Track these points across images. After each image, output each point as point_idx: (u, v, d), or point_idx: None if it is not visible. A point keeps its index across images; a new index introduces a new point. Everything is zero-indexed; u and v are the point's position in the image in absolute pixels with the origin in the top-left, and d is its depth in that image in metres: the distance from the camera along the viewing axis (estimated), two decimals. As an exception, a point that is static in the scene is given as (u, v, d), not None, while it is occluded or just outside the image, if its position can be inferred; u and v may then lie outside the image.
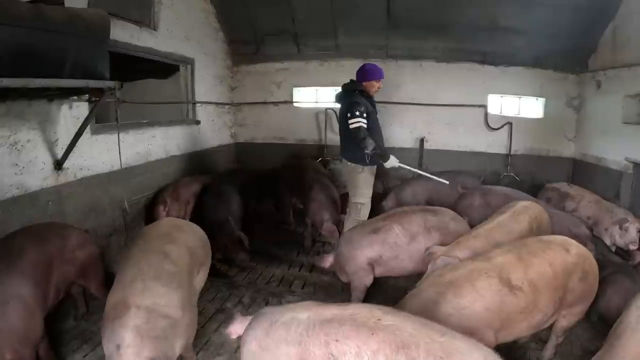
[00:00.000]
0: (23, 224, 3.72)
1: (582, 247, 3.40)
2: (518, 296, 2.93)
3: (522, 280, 2.98)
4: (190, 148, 6.86)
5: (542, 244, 3.32)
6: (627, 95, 5.56)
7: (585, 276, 3.22)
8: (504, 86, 7.41)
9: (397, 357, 1.89)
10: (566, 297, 3.16)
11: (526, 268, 3.04)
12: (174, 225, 3.55)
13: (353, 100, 4.93)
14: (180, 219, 4.58)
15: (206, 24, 7.33)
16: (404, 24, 7.11)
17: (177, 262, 3.03)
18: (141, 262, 2.89)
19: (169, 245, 3.12)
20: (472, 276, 3.00)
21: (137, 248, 3.12)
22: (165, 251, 3.03)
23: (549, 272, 3.06)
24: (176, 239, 3.27)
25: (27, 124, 3.86)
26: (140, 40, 5.45)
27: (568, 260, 3.17)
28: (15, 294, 2.88)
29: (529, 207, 4.53)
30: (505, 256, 3.17)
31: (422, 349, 1.88)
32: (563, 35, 6.56)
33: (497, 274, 2.99)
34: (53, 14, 3.00)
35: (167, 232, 3.33)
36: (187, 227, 3.61)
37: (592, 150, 6.70)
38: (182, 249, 3.20)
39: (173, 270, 2.92)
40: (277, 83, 8.24)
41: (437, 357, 1.85)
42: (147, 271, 2.79)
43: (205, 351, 3.69)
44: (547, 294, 3.02)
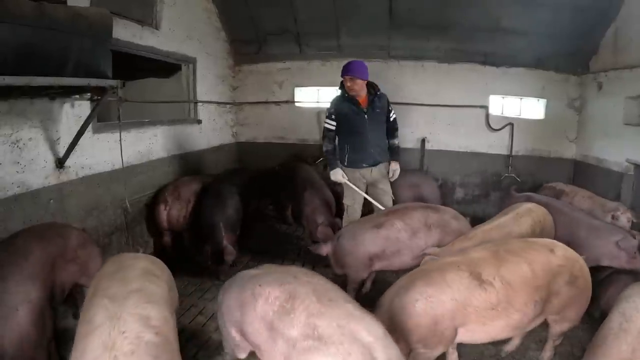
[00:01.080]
0: (24, 222, 3.74)
1: (571, 250, 3.36)
2: (488, 291, 2.98)
3: (493, 276, 3.02)
4: (191, 147, 6.87)
5: (524, 244, 3.35)
6: (628, 97, 5.56)
7: (573, 280, 3.18)
8: (505, 87, 7.40)
9: (286, 303, 2.47)
10: (551, 300, 3.14)
11: (500, 265, 3.08)
12: (145, 271, 2.83)
13: (331, 101, 5.07)
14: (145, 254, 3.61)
15: (208, 23, 7.34)
16: (406, 25, 7.11)
17: (161, 330, 2.30)
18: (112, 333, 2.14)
19: (148, 307, 2.41)
20: (444, 268, 3.12)
21: (102, 309, 2.32)
22: (144, 315, 2.32)
23: (526, 270, 3.06)
24: (153, 294, 2.58)
25: (29, 122, 3.87)
26: (142, 39, 5.46)
27: (552, 261, 3.16)
28: (24, 299, 2.90)
29: (532, 210, 4.54)
30: (481, 252, 3.25)
31: (305, 303, 2.42)
32: (564, 36, 6.56)
33: (469, 268, 3.07)
34: (55, 12, 3.01)
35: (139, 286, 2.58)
36: (158, 271, 2.97)
37: (593, 152, 6.70)
38: (163, 307, 2.52)
39: (155, 342, 2.20)
40: (279, 83, 8.25)
41: (311, 312, 2.37)
42: (119, 346, 2.07)
43: (205, 350, 3.70)
44: (524, 293, 3.02)
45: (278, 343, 2.44)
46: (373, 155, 5.02)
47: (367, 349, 2.21)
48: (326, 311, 2.37)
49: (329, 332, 2.27)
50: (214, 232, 5.06)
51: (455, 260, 3.19)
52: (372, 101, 4.99)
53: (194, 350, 3.76)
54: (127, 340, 2.10)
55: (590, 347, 2.80)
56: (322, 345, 2.25)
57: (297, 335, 2.35)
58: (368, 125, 4.96)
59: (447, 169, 7.75)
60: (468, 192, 7.82)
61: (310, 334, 2.30)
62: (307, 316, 2.37)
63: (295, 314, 2.41)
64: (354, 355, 2.18)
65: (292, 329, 2.37)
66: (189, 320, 4.27)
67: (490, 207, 7.37)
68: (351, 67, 4.84)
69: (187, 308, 4.49)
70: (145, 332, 2.19)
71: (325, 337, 2.26)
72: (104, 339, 2.09)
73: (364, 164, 5.03)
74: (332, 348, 2.22)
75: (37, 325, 2.90)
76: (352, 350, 2.20)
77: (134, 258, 2.99)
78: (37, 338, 2.90)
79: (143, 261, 2.96)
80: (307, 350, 2.28)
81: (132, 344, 2.09)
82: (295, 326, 2.37)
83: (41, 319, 2.97)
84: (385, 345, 2.26)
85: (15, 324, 2.79)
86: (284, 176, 6.89)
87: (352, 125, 4.94)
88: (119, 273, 2.68)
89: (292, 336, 2.36)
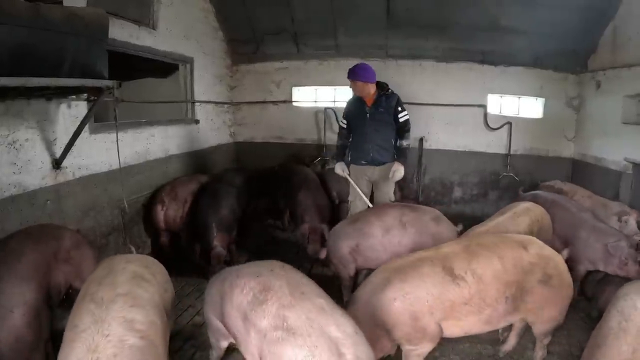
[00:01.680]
0: (21, 223, 3.72)
1: (548, 249, 3.33)
2: (461, 286, 3.01)
3: (465, 270, 3.05)
4: (189, 147, 6.85)
5: (497, 239, 3.37)
6: (626, 96, 5.57)
7: (547, 279, 3.14)
8: (503, 86, 7.40)
9: (261, 294, 2.54)
10: (524, 298, 3.13)
11: (471, 259, 3.11)
12: (134, 274, 2.75)
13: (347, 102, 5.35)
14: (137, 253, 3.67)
15: (205, 23, 7.32)
16: (403, 24, 7.10)
17: (147, 334, 2.29)
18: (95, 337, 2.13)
19: (133, 310, 2.37)
20: (418, 264, 3.16)
21: (88, 314, 2.29)
22: (128, 319, 2.30)
23: (496, 265, 3.08)
24: (140, 297, 2.53)
25: (26, 123, 3.85)
26: (139, 39, 5.44)
27: (524, 258, 3.15)
28: (19, 301, 2.89)
29: (530, 209, 4.53)
30: (453, 247, 3.29)
31: (277, 294, 2.50)
32: (563, 35, 6.56)
33: (441, 263, 3.11)
34: (51, 12, 2.99)
35: (126, 290, 2.53)
36: (148, 274, 2.88)
37: (591, 151, 6.70)
38: (150, 311, 2.48)
39: (139, 345, 2.19)
40: (277, 82, 8.23)
41: (282, 304, 2.44)
42: (102, 349, 2.07)
43: (203, 351, 3.68)
44: (494, 287, 3.04)
45: (251, 333, 2.50)
46: (371, 154, 5.11)
47: (334, 343, 2.25)
48: (297, 304, 2.44)
49: (298, 324, 2.32)
50: (206, 232, 5.10)
51: (427, 255, 3.24)
52: (377, 101, 5.09)
53: (191, 350, 3.75)
54: (111, 343, 2.10)
55: (589, 346, 2.78)
56: (290, 336, 2.30)
57: (267, 325, 2.40)
58: (368, 124, 5.08)
59: (445, 168, 7.75)
60: (466, 192, 7.82)
61: (280, 325, 2.36)
62: (277, 307, 2.44)
63: (267, 304, 2.48)
64: (320, 348, 2.22)
65: (263, 320, 2.44)
66: (186, 321, 4.26)
67: (489, 207, 7.37)
68: (351, 71, 5.06)
69: (185, 309, 4.49)
70: (129, 336, 2.18)
71: (294, 329, 2.31)
72: (88, 343, 2.08)
73: (362, 161, 5.18)
74: (300, 340, 2.27)
75: (32, 326, 2.89)
76: (319, 343, 2.24)
77: (126, 261, 2.93)
78: (32, 339, 2.88)
79: (134, 264, 2.90)
80: (276, 340, 2.32)
81: (115, 347, 2.09)
82: (266, 317, 2.43)
83: (37, 320, 2.95)
84: (355, 342, 2.29)
85: (10, 325, 2.78)
86: (281, 176, 6.87)
87: (355, 123, 5.17)
88: (108, 277, 2.64)
89: (263, 326, 2.42)
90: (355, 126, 5.17)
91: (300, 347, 2.24)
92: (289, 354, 2.26)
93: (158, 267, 3.12)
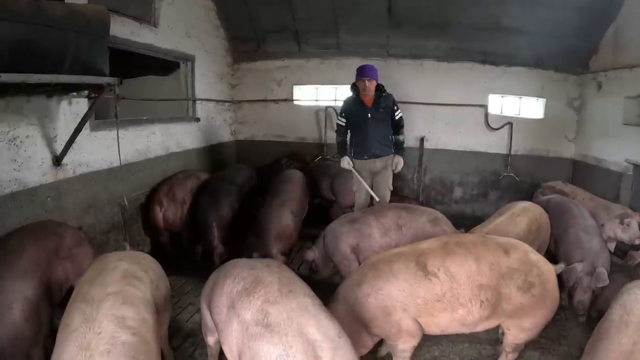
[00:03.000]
0: (21, 219, 3.72)
1: (536, 256, 3.22)
2: (433, 282, 3.01)
3: (438, 267, 3.05)
4: (189, 145, 6.85)
5: (479, 240, 3.31)
6: (627, 97, 5.55)
7: (528, 287, 3.04)
8: (504, 86, 7.39)
9: (251, 286, 2.58)
10: (501, 303, 3.05)
11: (446, 256, 3.09)
12: (125, 273, 2.72)
13: (344, 100, 5.54)
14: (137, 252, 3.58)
15: (207, 20, 7.32)
16: (405, 23, 7.10)
17: (139, 331, 2.29)
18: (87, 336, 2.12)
19: (124, 307, 2.37)
20: (392, 259, 3.18)
21: (79, 313, 2.28)
22: (119, 316, 2.29)
23: (471, 266, 3.04)
24: (131, 295, 2.53)
25: (26, 120, 3.85)
26: (140, 36, 5.44)
27: (502, 262, 3.08)
28: (19, 297, 2.90)
29: (528, 209, 4.53)
30: (432, 243, 3.28)
31: (266, 289, 2.53)
32: (564, 36, 6.55)
33: (415, 259, 3.12)
34: (52, 9, 2.98)
35: (117, 289, 2.51)
36: (140, 271, 2.86)
37: (592, 152, 6.69)
38: (141, 308, 2.48)
39: (132, 342, 2.18)
40: (278, 81, 8.22)
41: (267, 299, 2.46)
42: (95, 346, 2.07)
43: (203, 348, 3.68)
44: (468, 288, 3.01)
45: (233, 324, 2.51)
46: (373, 149, 5.36)
47: (312, 345, 2.23)
48: (281, 301, 2.45)
49: (277, 321, 2.33)
50: (207, 233, 5.14)
51: (403, 251, 3.27)
52: (377, 101, 5.32)
53: (191, 348, 3.76)
54: (103, 340, 2.10)
55: (592, 340, 2.79)
56: (267, 332, 2.31)
57: (250, 318, 2.43)
58: (370, 123, 5.31)
59: (445, 168, 7.74)
60: (467, 191, 7.81)
61: (261, 320, 2.38)
62: (262, 302, 2.46)
63: (253, 297, 2.51)
64: (295, 348, 2.22)
65: (247, 312, 2.46)
66: (186, 319, 4.26)
67: (489, 207, 7.36)
68: (367, 70, 5.26)
69: (185, 306, 4.49)
70: (121, 332, 2.18)
71: (273, 326, 2.32)
72: (80, 341, 2.08)
73: (365, 156, 5.40)
74: (276, 337, 2.27)
75: (32, 322, 2.90)
76: (294, 343, 2.23)
77: (118, 259, 2.90)
78: (32, 335, 2.89)
79: (125, 262, 2.86)
80: (255, 335, 2.34)
81: (108, 343, 2.09)
82: (251, 309, 2.46)
83: (36, 316, 2.96)
84: (334, 347, 2.26)
85: (10, 321, 2.78)
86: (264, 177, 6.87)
87: (357, 122, 5.37)
88: (99, 277, 2.62)
89: (246, 319, 2.44)
90: (355, 124, 5.38)
91: (276, 345, 2.25)
92: (264, 350, 2.27)
93: (151, 263, 3.11)
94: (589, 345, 2.77)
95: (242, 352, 2.41)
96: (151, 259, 3.19)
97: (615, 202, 5.54)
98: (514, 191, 7.40)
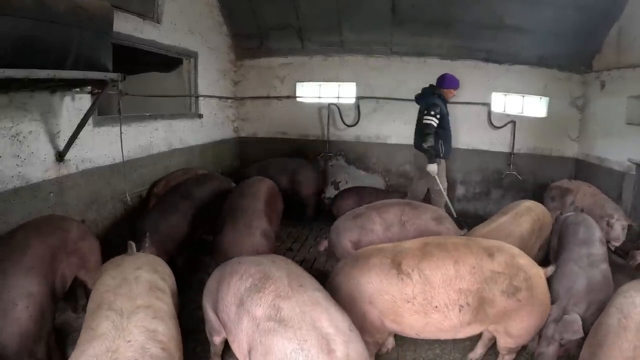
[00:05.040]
0: (24, 215, 3.74)
1: (525, 260, 3.11)
2: (404, 282, 2.99)
3: (412, 268, 3.02)
4: (192, 141, 6.86)
5: (462, 242, 3.26)
6: (630, 96, 5.54)
7: (513, 291, 2.96)
8: (507, 84, 7.37)
9: (260, 282, 2.58)
10: (485, 308, 2.99)
11: (422, 258, 3.06)
12: (151, 285, 2.73)
13: (433, 102, 5.79)
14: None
15: (210, 17, 7.31)
16: (408, 21, 7.08)
17: (168, 346, 2.27)
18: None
19: (155, 322, 2.36)
20: (372, 254, 3.21)
21: (108, 320, 2.27)
22: (151, 329, 2.28)
23: (449, 269, 2.99)
24: (160, 309, 2.51)
25: (29, 115, 3.86)
26: (143, 32, 5.44)
27: (484, 266, 3.00)
28: (23, 293, 2.90)
29: (531, 208, 4.53)
30: (412, 244, 3.27)
31: (276, 284, 2.54)
32: (568, 35, 6.53)
33: (393, 256, 3.12)
34: (56, 5, 2.99)
35: (148, 302, 2.50)
36: (161, 282, 2.87)
37: (595, 151, 6.68)
38: (170, 324, 2.47)
39: (161, 356, 2.16)
40: (281, 78, 8.21)
41: (279, 294, 2.46)
42: (123, 351, 2.06)
43: (204, 345, 3.68)
44: (443, 292, 2.96)
45: (244, 321, 2.50)
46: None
47: (325, 339, 2.22)
48: (293, 295, 2.45)
49: (290, 316, 2.33)
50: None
51: (384, 247, 3.29)
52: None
53: (192, 345, 3.76)
54: (132, 348, 2.09)
55: (588, 345, 2.74)
56: (281, 327, 2.30)
57: (261, 314, 2.42)
58: (449, 124, 5.98)
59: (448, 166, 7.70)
60: (469, 190, 7.80)
61: (273, 315, 2.37)
62: (274, 297, 2.46)
63: (264, 293, 2.50)
64: (309, 342, 2.21)
65: (259, 308, 2.45)
66: (187, 315, 4.26)
67: (491, 205, 7.37)
68: (456, 80, 6.02)
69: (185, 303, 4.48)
70: (151, 345, 2.16)
71: (286, 320, 2.32)
72: (108, 344, 2.08)
73: (449, 155, 6.10)
74: (290, 332, 2.26)
75: (36, 319, 2.90)
76: (309, 337, 2.22)
77: (136, 267, 2.88)
78: (36, 332, 2.90)
79: (145, 271, 2.86)
80: (268, 331, 2.33)
81: (137, 352, 2.08)
82: (262, 305, 2.45)
83: (40, 313, 2.96)
84: (347, 340, 2.26)
85: (14, 318, 2.79)
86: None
87: (445, 123, 5.89)
88: (123, 287, 2.61)
89: (257, 315, 2.43)
90: (444, 125, 5.85)
91: (290, 340, 2.23)
92: (278, 345, 2.25)
93: (165, 268, 3.13)
94: (586, 350, 2.73)
95: (253, 348, 2.40)
96: (163, 263, 3.20)
97: (617, 201, 5.53)
98: (516, 190, 7.40)
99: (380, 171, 8.06)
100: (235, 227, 4.24)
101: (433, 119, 5.67)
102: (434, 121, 5.67)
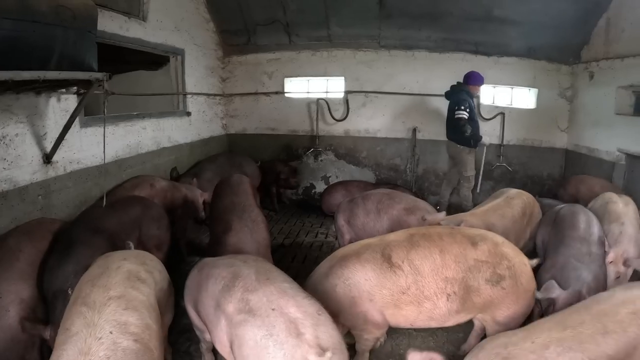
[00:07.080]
0: (12, 219, 3.70)
1: (509, 248, 3.13)
2: (397, 274, 3.02)
3: (402, 259, 3.05)
4: (181, 140, 6.81)
5: (446, 231, 3.31)
6: (619, 87, 5.58)
7: (497, 279, 3.00)
8: (496, 76, 7.37)
9: (229, 281, 2.61)
10: (471, 297, 3.03)
11: (410, 249, 3.10)
12: (129, 274, 2.63)
13: (462, 98, 6.25)
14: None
15: (196, 14, 7.24)
16: (396, 14, 7.06)
17: (141, 337, 2.23)
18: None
19: (127, 313, 2.30)
20: (360, 250, 3.20)
21: (80, 317, 2.21)
22: (121, 321, 2.23)
23: (436, 258, 3.04)
24: (134, 299, 2.43)
25: (15, 118, 3.80)
26: (129, 31, 5.37)
27: (468, 255, 3.05)
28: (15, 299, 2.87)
29: (522, 193, 4.70)
30: (398, 236, 3.30)
31: (244, 281, 2.57)
32: (556, 26, 6.55)
33: (382, 250, 3.13)
34: (38, 4, 2.93)
35: (120, 293, 2.42)
36: (144, 273, 2.75)
37: (584, 141, 6.72)
38: (145, 314, 2.39)
39: (134, 349, 2.13)
40: (269, 73, 8.17)
41: (247, 289, 2.51)
42: (95, 351, 2.02)
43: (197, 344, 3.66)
44: (432, 281, 3.01)
45: (221, 320, 2.54)
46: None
47: (294, 323, 2.26)
48: (260, 287, 2.50)
49: (258, 306, 2.38)
50: None
51: (371, 243, 3.30)
52: None
53: (186, 344, 3.75)
54: (103, 346, 2.04)
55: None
56: (250, 317, 2.35)
57: (232, 310, 2.46)
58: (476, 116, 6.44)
59: (438, 158, 7.75)
60: (459, 182, 7.80)
61: (243, 308, 2.42)
62: (242, 292, 2.51)
63: (234, 290, 2.56)
64: (277, 327, 2.25)
65: (230, 305, 2.50)
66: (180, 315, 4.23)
67: (482, 197, 7.37)
68: (483, 79, 6.40)
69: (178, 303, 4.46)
70: (123, 339, 2.11)
71: (254, 310, 2.37)
72: (80, 346, 2.02)
73: (477, 144, 6.43)
74: (259, 320, 2.32)
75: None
76: (277, 322, 2.26)
77: (122, 259, 2.80)
78: (28, 338, 2.87)
79: (130, 261, 2.76)
80: (239, 323, 2.38)
81: (108, 349, 2.03)
82: (232, 302, 2.50)
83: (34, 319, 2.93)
84: (316, 323, 2.29)
85: (6, 324, 2.77)
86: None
87: (475, 115, 6.38)
88: (102, 278, 2.51)
89: (230, 311, 2.47)
90: (474, 117, 6.32)
91: (259, 327, 2.28)
92: (249, 334, 2.30)
93: (156, 263, 3.04)
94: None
95: (232, 343, 2.45)
96: (154, 258, 3.12)
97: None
98: (506, 181, 7.43)
99: (370, 165, 8.06)
100: (242, 223, 4.21)
101: (464, 113, 6.16)
102: (465, 114, 6.15)
